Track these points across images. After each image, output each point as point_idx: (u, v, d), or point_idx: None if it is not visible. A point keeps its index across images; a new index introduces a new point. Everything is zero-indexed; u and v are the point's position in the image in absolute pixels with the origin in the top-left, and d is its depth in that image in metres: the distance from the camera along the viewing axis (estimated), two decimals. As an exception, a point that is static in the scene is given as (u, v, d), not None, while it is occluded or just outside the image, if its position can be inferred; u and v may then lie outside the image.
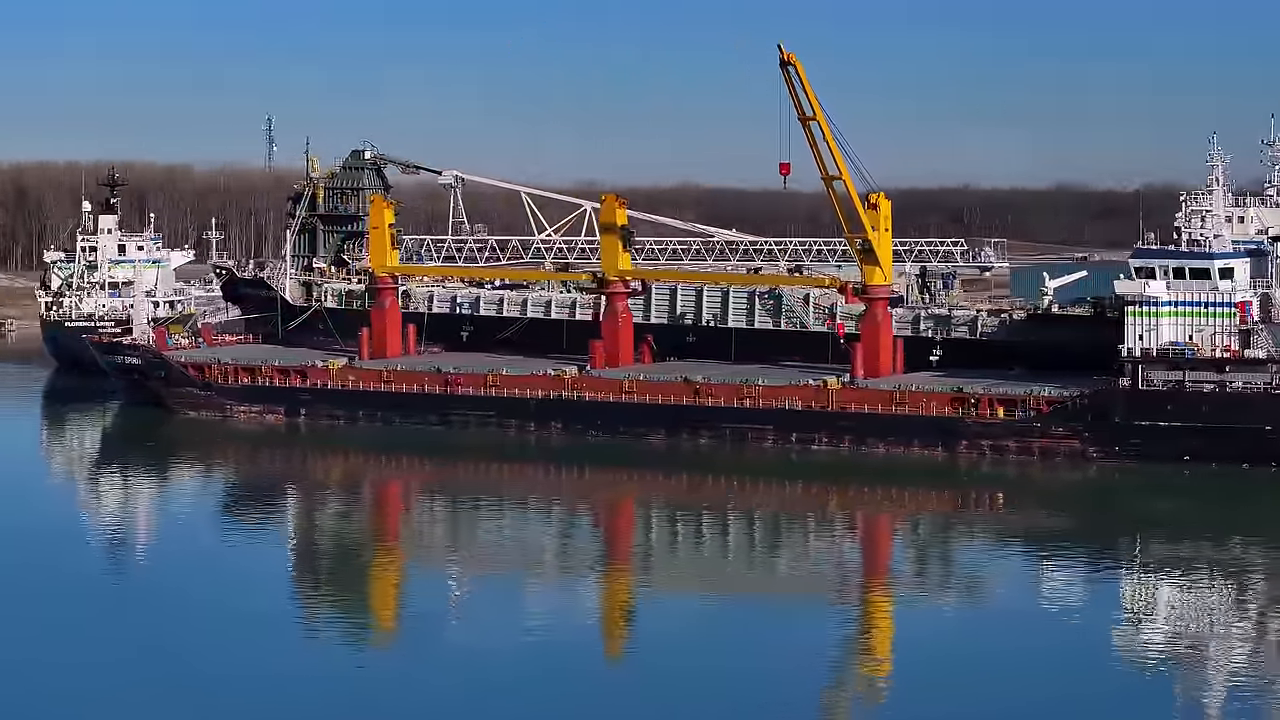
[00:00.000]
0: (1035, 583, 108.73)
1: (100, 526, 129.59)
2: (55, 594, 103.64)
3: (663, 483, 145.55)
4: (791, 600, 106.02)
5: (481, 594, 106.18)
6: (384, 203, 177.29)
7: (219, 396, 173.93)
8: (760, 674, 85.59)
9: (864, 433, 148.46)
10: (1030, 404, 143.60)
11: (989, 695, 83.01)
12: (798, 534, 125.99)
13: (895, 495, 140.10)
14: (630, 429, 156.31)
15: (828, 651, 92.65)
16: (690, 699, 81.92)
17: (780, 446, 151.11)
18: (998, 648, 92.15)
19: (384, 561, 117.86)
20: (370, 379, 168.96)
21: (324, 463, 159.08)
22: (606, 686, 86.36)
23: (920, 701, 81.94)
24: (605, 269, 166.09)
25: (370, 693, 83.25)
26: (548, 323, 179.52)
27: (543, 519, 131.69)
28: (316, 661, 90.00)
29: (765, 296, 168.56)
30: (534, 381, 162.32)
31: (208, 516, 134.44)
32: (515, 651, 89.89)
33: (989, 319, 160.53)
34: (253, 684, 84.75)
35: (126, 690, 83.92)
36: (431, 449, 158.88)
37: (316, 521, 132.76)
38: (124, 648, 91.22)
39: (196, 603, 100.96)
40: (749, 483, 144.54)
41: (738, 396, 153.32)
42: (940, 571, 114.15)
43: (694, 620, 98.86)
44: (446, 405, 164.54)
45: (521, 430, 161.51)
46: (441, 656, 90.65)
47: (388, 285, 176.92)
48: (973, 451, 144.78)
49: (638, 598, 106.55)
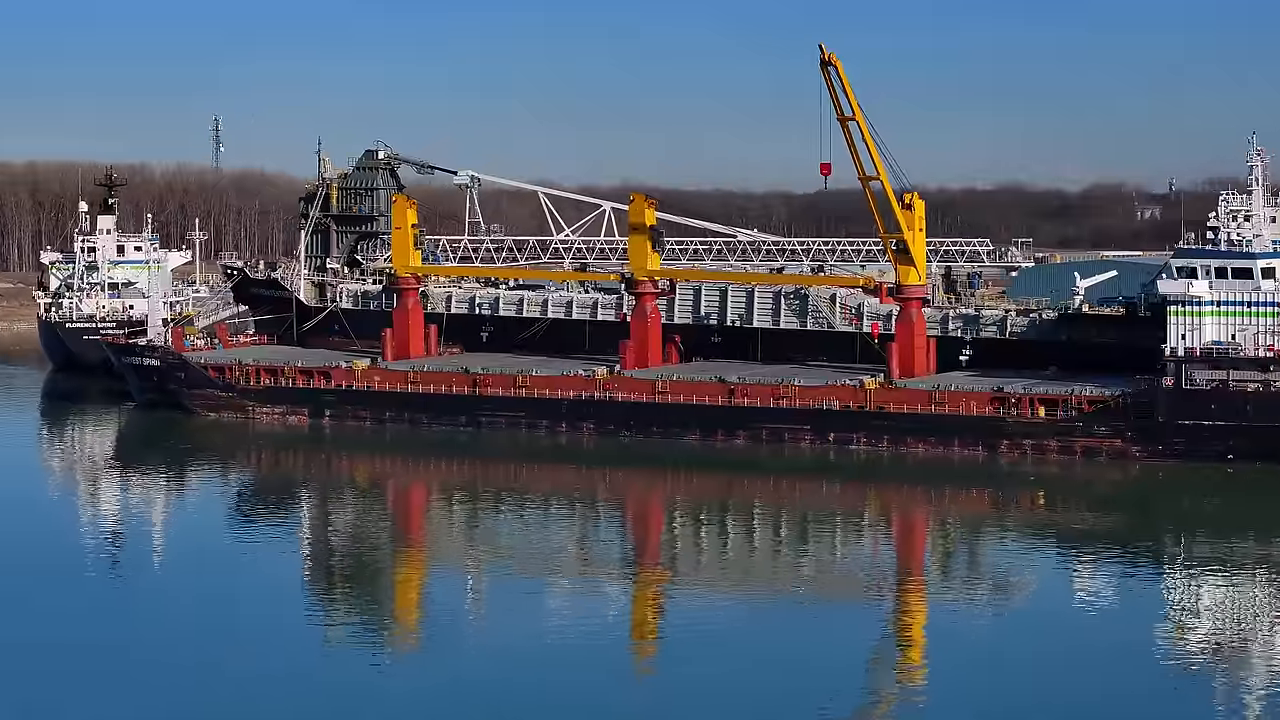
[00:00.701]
0: (1077, 582, 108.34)
1: (129, 529, 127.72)
2: (91, 596, 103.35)
3: (700, 483, 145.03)
4: (831, 600, 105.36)
5: (514, 596, 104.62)
6: (406, 202, 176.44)
7: (240, 398, 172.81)
8: (796, 675, 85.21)
9: (903, 433, 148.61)
10: (1072, 403, 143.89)
11: (1029, 695, 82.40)
12: (838, 533, 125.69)
13: (935, 495, 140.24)
14: (664, 429, 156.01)
15: (865, 652, 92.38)
16: (723, 701, 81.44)
17: (818, 446, 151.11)
18: (1039, 648, 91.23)
19: (418, 563, 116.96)
20: (396, 380, 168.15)
21: (353, 464, 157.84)
22: (637, 688, 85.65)
23: (959, 702, 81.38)
24: (634, 269, 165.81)
25: (394, 696, 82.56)
26: (569, 323, 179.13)
27: (580, 520, 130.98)
28: (341, 664, 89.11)
29: (791, 296, 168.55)
30: (565, 382, 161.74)
31: (241, 517, 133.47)
32: (544, 653, 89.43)
33: (1018, 318, 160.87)
34: (274, 686, 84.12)
35: (158, 691, 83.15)
36: (462, 450, 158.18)
37: (350, 523, 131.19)
38: (155, 650, 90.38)
39: (220, 604, 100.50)
40: (786, 482, 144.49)
41: (774, 397, 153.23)
42: (980, 571, 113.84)
43: (727, 621, 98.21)
44: (475, 406, 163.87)
45: (553, 431, 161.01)
46: (469, 658, 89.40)
47: (410, 285, 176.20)
48: (1014, 451, 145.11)
49: (672, 599, 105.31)
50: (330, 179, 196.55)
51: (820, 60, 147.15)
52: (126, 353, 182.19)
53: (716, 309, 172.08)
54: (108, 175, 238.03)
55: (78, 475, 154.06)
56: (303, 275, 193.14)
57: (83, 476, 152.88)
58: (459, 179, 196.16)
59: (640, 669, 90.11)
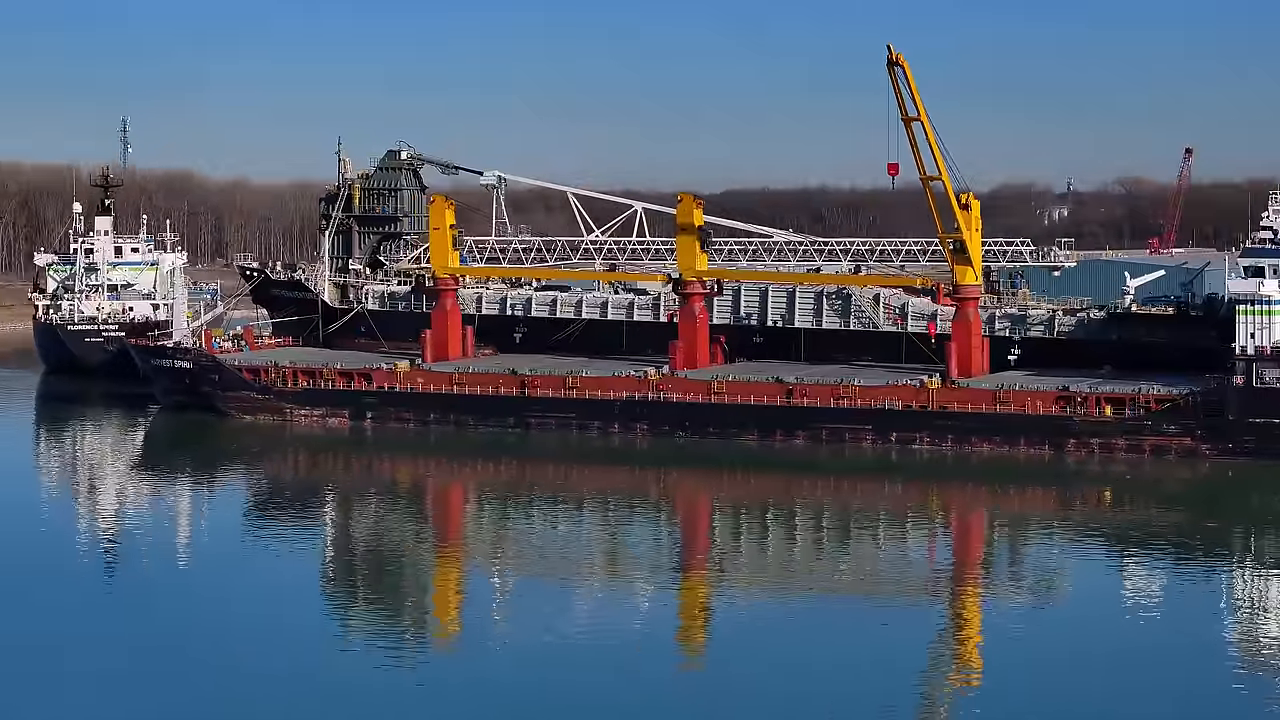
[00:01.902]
0: (1144, 580, 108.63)
1: (171, 531, 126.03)
2: (130, 596, 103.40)
3: (758, 483, 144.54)
4: (892, 600, 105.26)
5: (581, 597, 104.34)
6: (445, 203, 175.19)
7: (277, 400, 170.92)
8: (851, 676, 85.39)
9: (967, 432, 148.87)
10: (1140, 402, 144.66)
11: (1092, 697, 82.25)
12: (901, 533, 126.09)
13: (1000, 494, 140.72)
14: (721, 430, 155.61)
15: (925, 652, 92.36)
16: (776, 702, 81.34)
17: (879, 446, 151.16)
18: (1103, 647, 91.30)
19: (467, 563, 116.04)
20: (441, 381, 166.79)
21: (398, 466, 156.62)
22: (684, 690, 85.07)
23: (1020, 701, 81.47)
24: (682, 270, 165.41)
25: (433, 696, 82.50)
26: (605, 324, 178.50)
27: (638, 519, 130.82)
28: (379, 666, 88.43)
29: (833, 297, 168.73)
30: (618, 383, 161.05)
31: (292, 520, 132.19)
32: (591, 654, 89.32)
33: (1065, 318, 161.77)
34: (312, 685, 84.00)
35: (194, 693, 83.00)
36: (510, 451, 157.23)
37: (398, 523, 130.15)
38: (189, 652, 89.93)
39: (258, 604, 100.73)
40: (847, 483, 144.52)
41: (834, 396, 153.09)
42: (1045, 569, 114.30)
43: (783, 622, 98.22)
44: (524, 408, 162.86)
45: (605, 432, 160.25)
46: (512, 658, 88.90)
47: (449, 286, 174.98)
48: (1081, 450, 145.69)
49: (727, 598, 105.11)
50: (351, 179, 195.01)
51: (887, 60, 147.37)
52: (155, 355, 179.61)
53: (757, 309, 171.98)
54: (103, 176, 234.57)
55: (118, 479, 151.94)
56: (326, 277, 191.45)
57: (122, 480, 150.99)
58: (485, 179, 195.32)
59: (691, 669, 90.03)
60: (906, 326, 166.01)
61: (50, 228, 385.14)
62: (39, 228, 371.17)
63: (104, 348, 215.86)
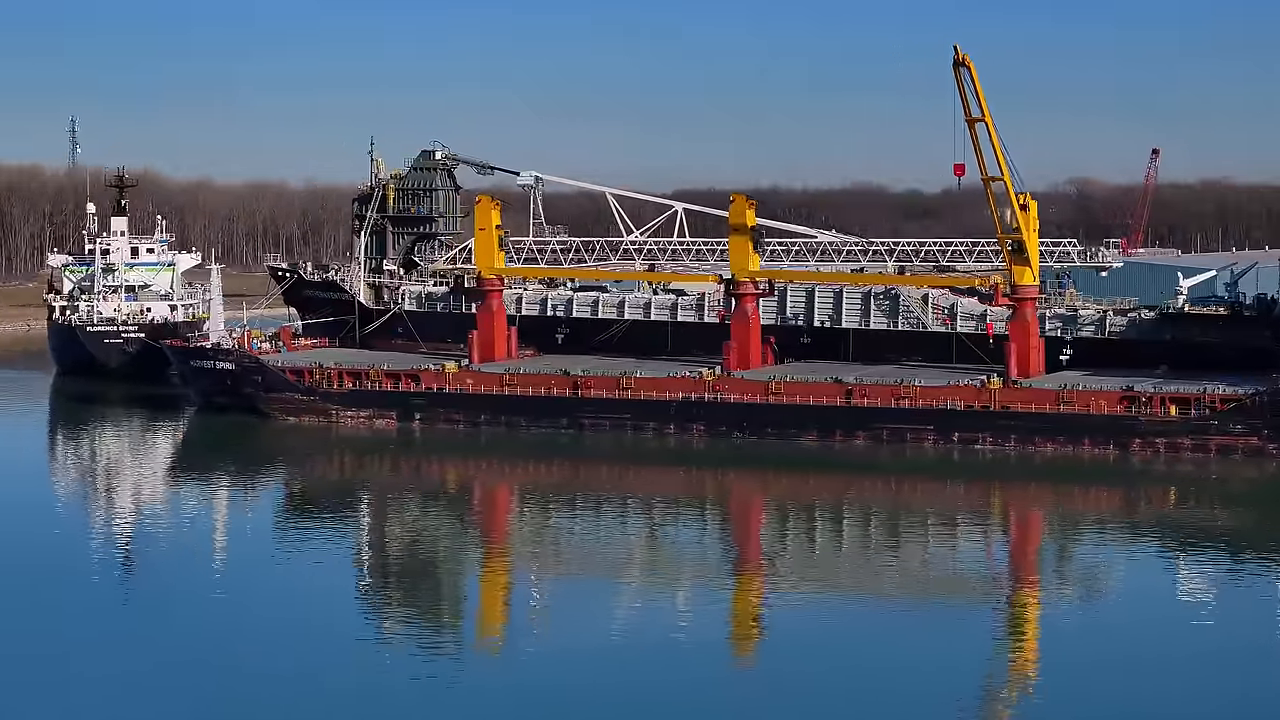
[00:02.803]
0: (1209, 579, 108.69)
1: (219, 533, 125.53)
2: (189, 600, 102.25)
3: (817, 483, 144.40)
4: (954, 600, 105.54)
5: (633, 599, 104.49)
6: (491, 203, 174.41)
7: (323, 401, 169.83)
8: (910, 678, 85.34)
9: (1031, 432, 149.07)
10: (1205, 402, 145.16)
11: (1155, 699, 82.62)
12: (965, 532, 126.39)
13: (1064, 493, 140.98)
14: (780, 430, 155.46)
15: (983, 653, 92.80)
16: (831, 701, 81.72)
17: (941, 447, 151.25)
18: (1167, 648, 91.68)
19: (521, 563, 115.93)
20: (491, 382, 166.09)
21: (449, 467, 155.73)
22: (737, 691, 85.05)
23: (1077, 703, 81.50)
24: (735, 270, 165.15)
25: (484, 696, 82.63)
26: (648, 324, 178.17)
27: (702, 521, 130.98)
28: (425, 667, 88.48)
29: (880, 297, 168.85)
30: (673, 384, 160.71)
31: (344, 521, 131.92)
32: (640, 655, 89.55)
33: (1115, 318, 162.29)
34: (361, 689, 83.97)
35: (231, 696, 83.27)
36: (564, 452, 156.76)
37: (450, 524, 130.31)
38: (229, 654, 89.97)
39: (306, 606, 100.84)
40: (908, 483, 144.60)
41: (895, 397, 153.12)
42: (1110, 569, 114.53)
43: (842, 622, 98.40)
44: (577, 408, 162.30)
45: (660, 433, 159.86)
46: (561, 659, 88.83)
47: (494, 287, 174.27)
48: (1146, 450, 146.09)
49: (786, 599, 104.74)
50: (385, 180, 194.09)
51: (954, 61, 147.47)
52: (194, 356, 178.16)
53: (803, 310, 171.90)
54: (118, 177, 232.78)
55: (161, 481, 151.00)
56: (361, 278, 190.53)
57: (166, 482, 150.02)
58: (522, 179, 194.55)
59: (743, 669, 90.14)
60: (956, 327, 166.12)
61: (16, 226, 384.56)
62: (7, 229, 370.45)
63: (124, 349, 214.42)
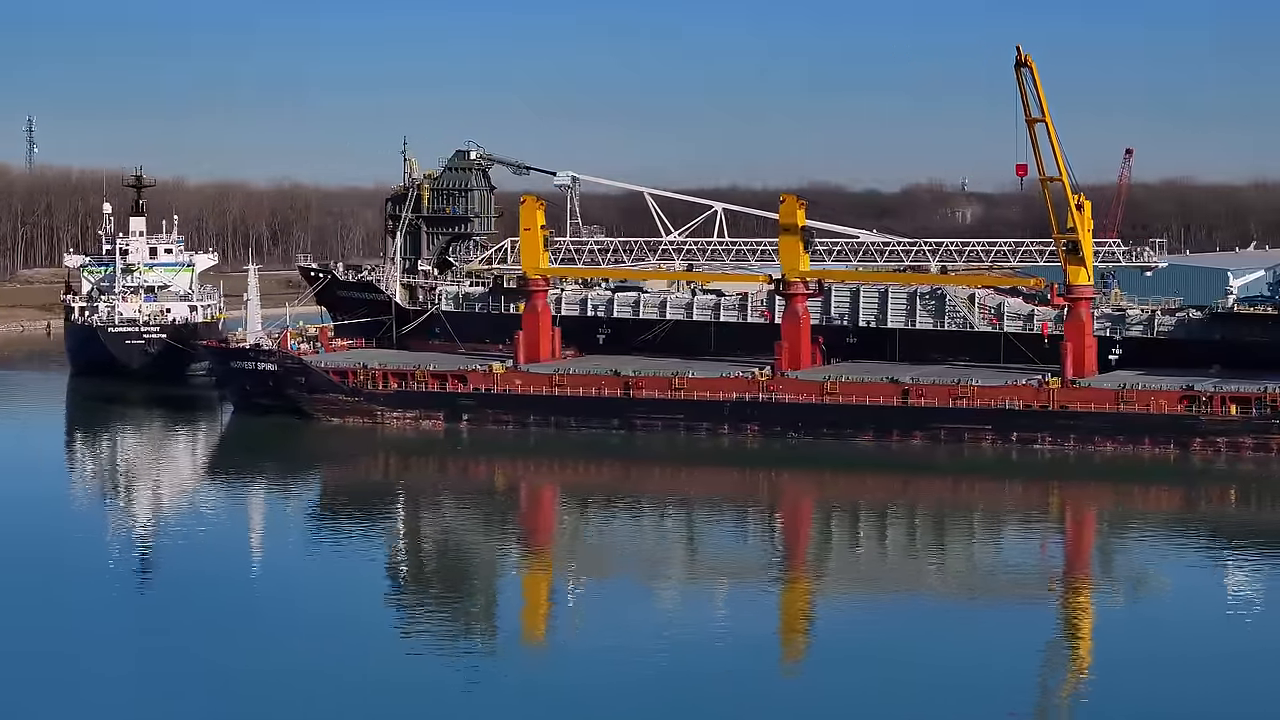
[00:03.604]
0: (1268, 580, 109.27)
1: (270, 535, 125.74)
2: (238, 601, 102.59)
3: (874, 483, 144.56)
4: (1015, 598, 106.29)
5: (688, 599, 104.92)
6: (535, 203, 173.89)
7: (368, 402, 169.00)
8: (964, 676, 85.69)
9: (1090, 431, 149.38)
10: (1266, 401, 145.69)
11: (1210, 699, 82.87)
12: (1025, 531, 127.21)
13: (1125, 493, 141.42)
14: (836, 430, 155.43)
15: (1040, 651, 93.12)
16: (880, 701, 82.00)
17: (999, 447, 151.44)
18: (1222, 649, 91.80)
19: (577, 566, 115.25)
20: (540, 383, 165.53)
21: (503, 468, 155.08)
22: (786, 692, 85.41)
23: (1133, 703, 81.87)
24: (785, 270, 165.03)
25: (530, 700, 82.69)
26: (690, 324, 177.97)
27: (754, 521, 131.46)
28: (470, 668, 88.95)
29: (926, 297, 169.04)
30: (727, 384, 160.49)
31: (398, 521, 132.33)
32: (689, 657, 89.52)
33: (1164, 318, 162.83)
34: (408, 686, 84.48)
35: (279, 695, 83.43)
36: (616, 453, 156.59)
37: (501, 524, 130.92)
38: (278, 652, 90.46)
39: (347, 603, 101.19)
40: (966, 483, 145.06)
41: (952, 397, 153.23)
42: (1168, 567, 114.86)
43: (897, 622, 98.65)
44: (628, 409, 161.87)
45: (714, 433, 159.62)
46: (605, 659, 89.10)
47: (540, 288, 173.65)
48: (1207, 449, 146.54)
49: (839, 599, 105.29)
50: (418, 180, 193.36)
51: (1015, 61, 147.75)
52: (235, 357, 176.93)
53: (848, 310, 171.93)
54: (136, 177, 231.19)
55: (203, 483, 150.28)
56: (397, 278, 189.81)
57: (214, 482, 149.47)
58: (559, 179, 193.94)
59: (789, 672, 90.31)
60: (1003, 326, 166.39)
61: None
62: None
63: (145, 349, 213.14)
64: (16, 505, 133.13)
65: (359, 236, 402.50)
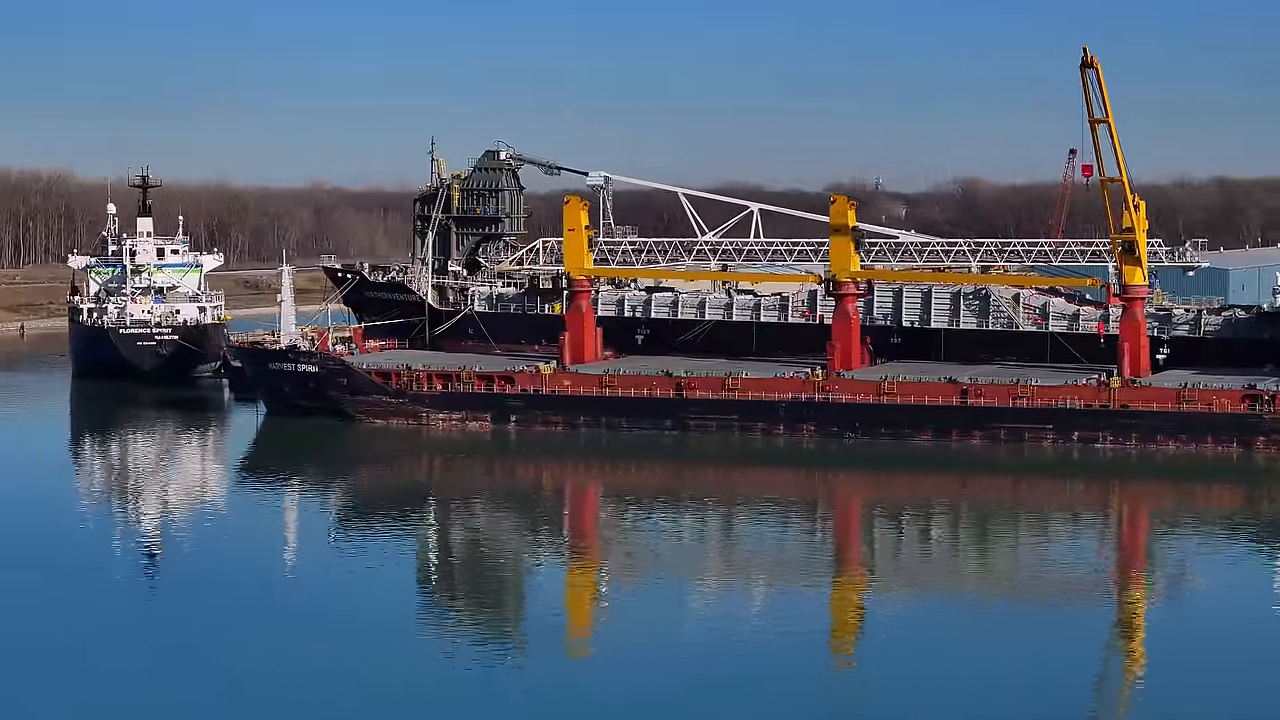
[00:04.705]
0: None
1: (327, 538, 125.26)
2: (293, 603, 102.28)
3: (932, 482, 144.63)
4: (1075, 596, 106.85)
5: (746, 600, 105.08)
6: (579, 203, 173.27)
7: (412, 404, 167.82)
8: (1019, 676, 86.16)
9: (1152, 430, 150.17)
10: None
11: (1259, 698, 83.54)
12: (1090, 530, 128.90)
13: (1187, 491, 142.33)
14: (894, 430, 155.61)
15: (1100, 650, 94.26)
16: (940, 698, 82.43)
17: (1060, 446, 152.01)
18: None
19: (633, 566, 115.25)
20: (590, 384, 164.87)
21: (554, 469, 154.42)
22: (838, 692, 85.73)
23: (1189, 703, 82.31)
24: (836, 270, 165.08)
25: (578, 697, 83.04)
26: (731, 325, 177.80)
27: (817, 521, 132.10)
28: (515, 669, 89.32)
29: (970, 297, 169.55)
30: (782, 384, 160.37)
31: (453, 522, 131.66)
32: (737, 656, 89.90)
33: (1210, 317, 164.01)
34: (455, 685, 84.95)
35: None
36: (669, 454, 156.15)
37: (562, 526, 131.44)
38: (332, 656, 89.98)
39: (397, 605, 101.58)
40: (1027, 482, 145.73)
41: (1012, 396, 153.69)
42: (1230, 565, 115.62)
43: (955, 622, 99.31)
44: (681, 409, 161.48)
45: (769, 434, 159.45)
46: (656, 661, 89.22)
47: (584, 288, 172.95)
48: (1271, 447, 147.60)
49: (893, 599, 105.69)
50: (447, 180, 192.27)
51: (1081, 62, 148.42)
52: (273, 359, 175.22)
53: (890, 310, 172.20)
54: (142, 178, 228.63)
55: (254, 483, 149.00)
56: (429, 279, 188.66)
57: (258, 484, 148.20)
58: (591, 179, 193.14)
59: (841, 671, 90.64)
60: (1048, 326, 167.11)
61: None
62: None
63: (157, 351, 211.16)
64: (53, 505, 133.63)
65: (294, 238, 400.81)
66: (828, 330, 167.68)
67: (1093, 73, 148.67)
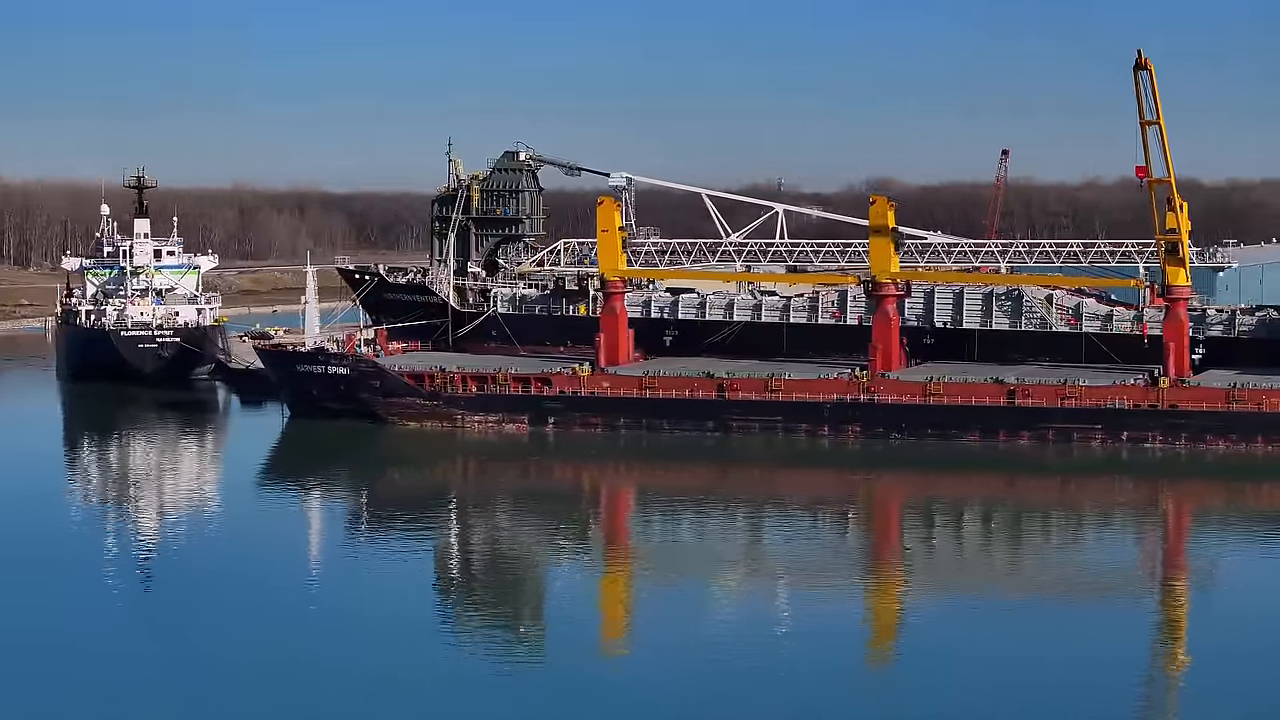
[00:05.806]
0: None
1: (368, 538, 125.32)
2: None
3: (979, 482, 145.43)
4: (1120, 595, 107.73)
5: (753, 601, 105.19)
6: (613, 204, 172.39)
7: (447, 406, 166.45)
8: (1060, 674, 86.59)
9: (1201, 430, 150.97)
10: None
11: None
12: (1142, 529, 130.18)
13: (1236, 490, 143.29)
14: (940, 431, 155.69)
15: (1144, 648, 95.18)
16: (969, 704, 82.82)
17: (1109, 446, 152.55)
18: None
19: (675, 566, 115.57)
20: (630, 385, 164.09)
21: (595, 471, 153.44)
22: (873, 693, 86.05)
23: (1231, 701, 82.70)
24: (875, 271, 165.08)
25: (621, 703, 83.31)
26: (760, 325, 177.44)
27: (860, 522, 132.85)
28: (545, 669, 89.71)
29: (1003, 298, 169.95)
30: (826, 385, 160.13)
31: (500, 524, 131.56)
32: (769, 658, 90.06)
33: (1244, 317, 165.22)
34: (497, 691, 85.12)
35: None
36: (711, 456, 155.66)
37: (600, 527, 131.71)
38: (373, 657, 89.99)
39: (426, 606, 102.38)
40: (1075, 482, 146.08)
41: (1060, 396, 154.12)
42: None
43: (997, 621, 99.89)
44: (723, 411, 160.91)
45: (813, 435, 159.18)
46: (687, 662, 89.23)
47: (618, 289, 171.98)
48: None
49: (927, 599, 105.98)
50: (466, 181, 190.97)
51: (1135, 64, 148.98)
52: (301, 361, 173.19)
53: (922, 311, 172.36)
54: (138, 179, 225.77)
55: (292, 487, 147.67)
56: (450, 280, 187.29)
57: (295, 488, 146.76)
58: (613, 180, 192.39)
59: (882, 667, 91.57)
60: (1081, 326, 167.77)
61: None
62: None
63: (159, 353, 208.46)
64: (54, 505, 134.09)
65: (217, 237, 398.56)
66: (857, 331, 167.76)
67: (1145, 74, 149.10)
